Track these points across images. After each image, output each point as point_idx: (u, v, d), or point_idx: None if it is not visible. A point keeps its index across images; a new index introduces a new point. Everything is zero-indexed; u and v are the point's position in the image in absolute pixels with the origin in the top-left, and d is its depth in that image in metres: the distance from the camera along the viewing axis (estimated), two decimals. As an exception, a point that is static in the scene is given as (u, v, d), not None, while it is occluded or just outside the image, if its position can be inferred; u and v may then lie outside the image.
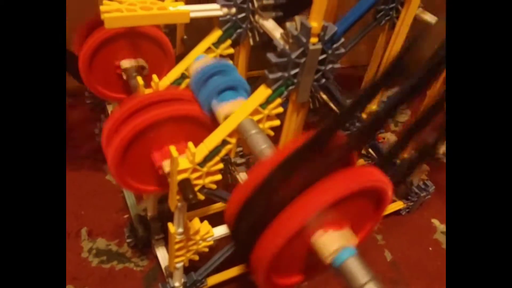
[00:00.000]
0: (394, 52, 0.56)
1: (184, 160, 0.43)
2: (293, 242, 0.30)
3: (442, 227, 0.84)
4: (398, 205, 0.83)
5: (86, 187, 0.79)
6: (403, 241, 0.81)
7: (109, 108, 0.79)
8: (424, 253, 0.80)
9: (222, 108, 0.43)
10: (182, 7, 0.46)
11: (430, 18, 0.59)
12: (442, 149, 1.14)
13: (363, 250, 0.85)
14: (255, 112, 0.43)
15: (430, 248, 0.81)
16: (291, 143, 0.31)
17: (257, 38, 0.50)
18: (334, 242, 0.31)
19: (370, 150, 0.72)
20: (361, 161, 0.82)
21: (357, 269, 0.30)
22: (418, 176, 0.94)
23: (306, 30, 0.39)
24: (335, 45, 0.42)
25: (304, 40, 0.39)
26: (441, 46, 0.30)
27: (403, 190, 0.83)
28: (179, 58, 0.54)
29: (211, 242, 0.55)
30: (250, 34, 0.50)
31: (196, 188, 0.45)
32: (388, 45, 0.59)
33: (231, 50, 0.52)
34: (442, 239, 0.82)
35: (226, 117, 0.44)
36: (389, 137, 1.03)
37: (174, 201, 0.46)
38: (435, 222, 0.85)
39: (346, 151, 0.30)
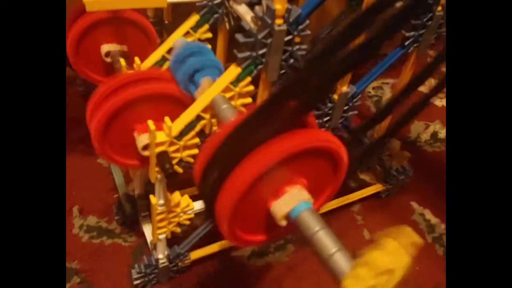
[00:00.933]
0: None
1: (161, 134, 0.46)
2: (251, 196, 0.33)
3: (420, 209, 0.88)
4: (378, 187, 0.86)
5: (78, 169, 0.83)
6: (382, 221, 0.85)
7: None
8: (401, 233, 0.83)
9: (197, 89, 0.47)
10: (161, -8, 0.49)
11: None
12: (424, 136, 1.17)
13: (343, 229, 0.89)
14: (227, 89, 0.47)
15: (408, 229, 0.84)
16: (250, 108, 0.34)
17: (232, 23, 0.53)
18: (286, 204, 0.35)
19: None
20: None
21: (310, 219, 0.34)
22: (399, 162, 0.97)
23: (270, 12, 0.42)
24: (300, 27, 0.45)
25: (269, 21, 0.43)
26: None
27: (383, 173, 0.86)
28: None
29: (192, 215, 0.59)
30: (226, 19, 0.54)
31: (174, 161, 0.49)
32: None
33: (209, 35, 0.56)
34: (420, 220, 0.86)
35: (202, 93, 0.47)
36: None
37: (154, 173, 0.50)
38: (414, 204, 0.89)
39: (299, 111, 0.33)
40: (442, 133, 1.09)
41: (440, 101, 1.19)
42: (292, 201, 0.35)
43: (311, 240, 0.33)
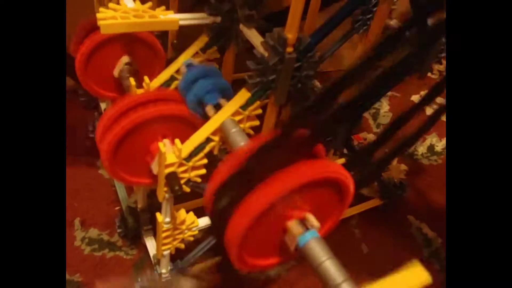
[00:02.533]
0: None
1: (171, 155, 0.47)
2: (261, 223, 0.34)
3: (417, 223, 0.89)
4: (375, 202, 0.88)
5: (79, 180, 0.83)
6: (379, 235, 0.86)
7: (102, 106, 0.83)
8: (398, 247, 0.85)
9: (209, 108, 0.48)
10: (172, 16, 0.50)
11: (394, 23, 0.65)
12: (421, 149, 1.19)
13: (341, 243, 0.90)
14: (236, 113, 0.48)
15: (405, 243, 0.86)
16: (261, 138, 0.35)
17: (241, 45, 0.54)
18: (295, 231, 0.36)
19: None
20: (341, 160, 0.87)
21: (318, 249, 0.35)
22: (396, 175, 0.99)
23: (282, 41, 0.43)
24: (309, 54, 0.46)
25: (280, 49, 0.44)
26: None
27: (380, 188, 0.88)
28: (170, 61, 0.58)
29: (196, 232, 0.60)
30: (234, 42, 0.55)
31: (182, 181, 0.50)
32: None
33: (217, 55, 0.57)
34: (417, 234, 0.87)
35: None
36: (370, 138, 1.08)
37: (162, 192, 0.50)
38: (411, 218, 0.90)
39: (308, 142, 0.34)
40: (439, 146, 1.11)
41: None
42: (300, 229, 0.37)
43: (317, 270, 0.35)
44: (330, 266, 0.34)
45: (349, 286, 0.33)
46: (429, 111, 0.63)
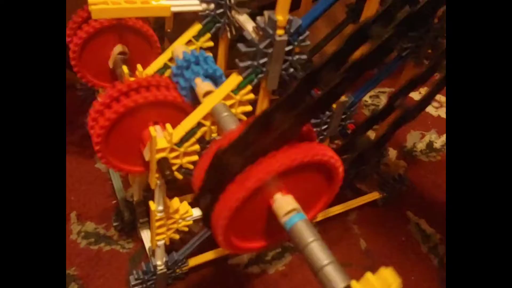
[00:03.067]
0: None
1: (162, 140, 0.47)
2: (248, 205, 0.34)
3: (415, 218, 0.89)
4: (374, 195, 0.87)
5: (76, 174, 0.83)
6: (378, 231, 0.85)
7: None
8: (397, 243, 0.84)
9: (200, 87, 0.47)
10: (164, 2, 0.50)
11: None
12: (420, 145, 1.18)
13: (339, 238, 0.90)
14: (228, 97, 0.48)
15: (403, 238, 0.85)
16: (249, 120, 0.35)
17: (234, 32, 0.54)
18: (289, 204, 0.35)
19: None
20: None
21: (304, 231, 0.34)
22: (395, 170, 0.98)
23: (272, 23, 0.43)
24: (300, 37, 0.46)
25: (270, 32, 0.44)
26: None
27: (379, 181, 0.87)
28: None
29: (190, 222, 0.59)
30: (227, 28, 0.55)
31: (174, 167, 0.49)
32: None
33: (211, 43, 0.57)
34: (415, 230, 0.86)
35: (205, 95, 0.48)
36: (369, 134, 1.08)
37: (154, 179, 0.50)
38: (409, 214, 0.90)
39: (296, 123, 0.34)
40: (438, 143, 1.10)
41: (435, 111, 1.20)
42: (292, 206, 0.36)
43: (303, 251, 0.34)
44: (316, 248, 0.34)
45: (335, 268, 0.32)
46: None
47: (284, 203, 0.36)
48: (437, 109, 1.21)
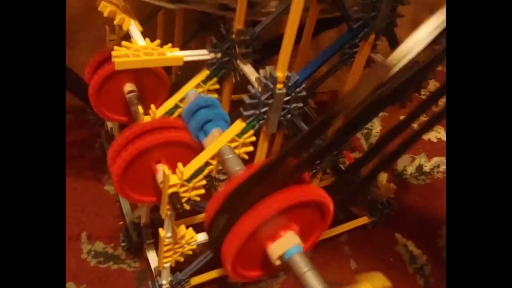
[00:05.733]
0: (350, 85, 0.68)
1: (174, 177, 0.53)
2: (252, 241, 0.40)
3: (403, 240, 0.94)
4: (364, 220, 0.93)
5: (86, 196, 0.89)
6: (368, 252, 0.91)
7: (108, 124, 0.89)
8: (385, 263, 0.89)
9: (207, 138, 0.54)
10: (177, 53, 0.56)
11: (379, 58, 0.71)
12: (410, 169, 1.24)
13: (331, 259, 0.95)
14: (232, 140, 0.54)
15: (391, 259, 0.91)
16: (255, 166, 0.41)
17: (238, 78, 0.61)
18: (281, 247, 0.42)
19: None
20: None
21: (300, 261, 0.40)
22: (385, 194, 1.04)
23: (273, 79, 0.50)
24: (297, 90, 0.52)
25: (271, 86, 0.50)
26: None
27: (369, 206, 0.93)
28: (173, 87, 0.64)
29: (195, 246, 0.65)
30: (232, 74, 0.61)
31: (183, 200, 0.55)
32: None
33: (217, 86, 0.63)
34: (403, 251, 0.92)
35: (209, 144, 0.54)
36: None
37: (165, 210, 0.56)
38: (398, 236, 0.95)
39: (296, 171, 0.40)
40: (427, 166, 1.16)
41: (425, 135, 1.27)
42: (286, 244, 0.42)
43: (300, 279, 0.40)
44: (311, 277, 0.40)
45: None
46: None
47: (277, 247, 0.42)
48: (427, 133, 1.27)
